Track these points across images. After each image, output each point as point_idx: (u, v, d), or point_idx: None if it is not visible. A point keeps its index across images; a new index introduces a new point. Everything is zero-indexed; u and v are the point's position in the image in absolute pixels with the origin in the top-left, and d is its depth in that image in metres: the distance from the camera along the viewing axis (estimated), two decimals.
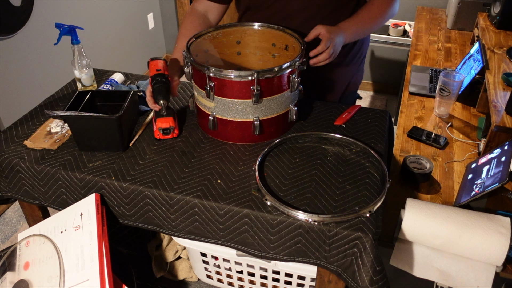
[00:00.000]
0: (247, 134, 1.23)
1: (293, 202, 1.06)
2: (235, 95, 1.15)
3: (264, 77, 1.12)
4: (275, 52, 1.38)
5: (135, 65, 3.29)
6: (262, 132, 1.22)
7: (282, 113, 1.22)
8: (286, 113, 1.24)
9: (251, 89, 1.13)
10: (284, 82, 1.17)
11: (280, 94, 1.18)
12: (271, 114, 1.20)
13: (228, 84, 1.13)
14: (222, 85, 1.14)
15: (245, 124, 1.20)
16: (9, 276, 1.17)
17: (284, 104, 1.21)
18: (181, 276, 1.77)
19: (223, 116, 1.20)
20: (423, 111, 1.69)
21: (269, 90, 1.15)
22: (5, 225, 2.19)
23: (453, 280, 1.08)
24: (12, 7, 2.07)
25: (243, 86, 1.13)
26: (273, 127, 1.24)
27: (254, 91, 1.12)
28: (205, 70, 1.13)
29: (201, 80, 1.18)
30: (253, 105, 1.16)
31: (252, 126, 1.20)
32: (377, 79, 3.22)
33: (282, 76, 1.15)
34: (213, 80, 1.14)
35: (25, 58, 2.24)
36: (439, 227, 1.05)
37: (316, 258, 1.06)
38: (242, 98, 1.15)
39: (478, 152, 1.45)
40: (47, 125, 1.34)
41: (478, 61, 1.65)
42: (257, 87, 1.12)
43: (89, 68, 1.45)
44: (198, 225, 1.11)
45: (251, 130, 1.21)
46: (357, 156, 1.20)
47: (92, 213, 1.12)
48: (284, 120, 1.25)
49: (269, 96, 1.16)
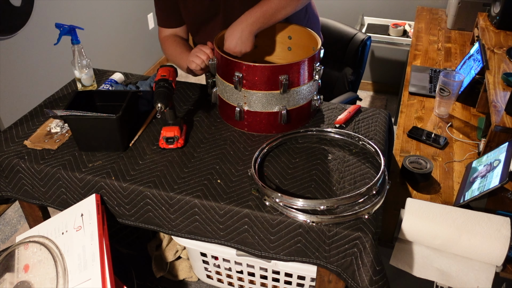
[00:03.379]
0: (274, 125, 1.27)
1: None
2: (264, 86, 1.18)
3: (292, 68, 1.16)
4: (290, 45, 1.42)
5: (135, 65, 3.29)
6: (289, 121, 1.26)
7: (307, 102, 1.28)
8: (309, 102, 1.29)
9: (279, 80, 1.16)
10: (309, 72, 1.21)
11: (306, 84, 1.23)
12: (297, 104, 1.25)
13: (257, 76, 1.17)
14: (250, 77, 1.17)
15: (272, 115, 1.24)
16: (9, 278, 1.17)
17: (309, 93, 1.26)
18: (181, 276, 1.77)
19: (250, 108, 1.23)
20: (423, 111, 1.69)
21: (295, 80, 1.20)
22: (5, 225, 2.19)
23: (453, 280, 1.08)
24: (12, 7, 2.07)
25: (272, 77, 1.17)
26: (299, 117, 1.29)
27: (283, 81, 1.16)
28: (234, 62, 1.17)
29: (228, 73, 1.21)
30: (281, 96, 1.20)
31: (280, 116, 1.24)
32: (377, 79, 3.22)
33: (309, 67, 1.20)
34: (242, 72, 1.17)
35: (25, 58, 2.24)
36: (439, 227, 1.05)
37: (316, 258, 1.06)
38: (270, 89, 1.19)
39: (478, 152, 1.45)
40: (47, 125, 1.34)
41: (478, 61, 1.65)
42: (285, 77, 1.16)
43: (89, 68, 1.45)
44: (198, 225, 1.11)
45: (278, 120, 1.25)
46: (357, 156, 1.21)
47: (93, 213, 1.13)
48: (308, 110, 1.30)
49: (297, 86, 1.21)
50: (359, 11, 2.96)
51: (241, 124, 1.29)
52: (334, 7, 3.01)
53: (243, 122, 1.28)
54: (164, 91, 1.18)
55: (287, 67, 1.16)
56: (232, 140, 1.27)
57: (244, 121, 1.28)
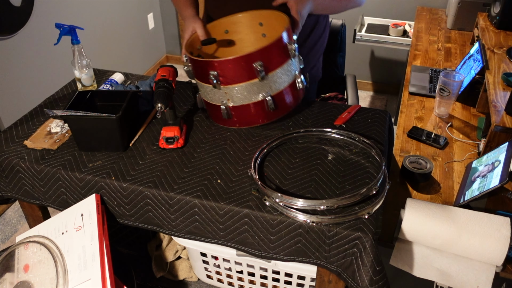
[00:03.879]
0: (263, 113, 1.24)
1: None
2: (241, 78, 1.16)
3: (264, 53, 1.13)
4: (264, 32, 1.39)
5: (135, 65, 3.29)
6: (277, 107, 1.23)
7: (291, 83, 1.24)
8: (293, 83, 1.25)
9: (253, 67, 1.14)
10: (282, 52, 1.18)
11: (283, 65, 1.19)
12: (281, 88, 1.21)
13: (231, 70, 1.14)
14: (225, 72, 1.15)
15: (258, 105, 1.21)
16: (9, 278, 1.17)
17: (290, 74, 1.23)
18: (181, 276, 1.77)
19: (235, 104, 1.21)
20: (423, 111, 1.69)
21: (271, 64, 1.16)
22: (5, 225, 2.19)
23: (453, 280, 1.08)
24: (12, 7, 2.07)
25: (246, 67, 1.14)
26: (286, 100, 1.25)
27: (257, 68, 1.13)
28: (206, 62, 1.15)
29: (203, 74, 1.19)
30: (261, 83, 1.17)
31: (266, 103, 1.21)
32: (377, 79, 3.22)
33: (279, 47, 1.16)
34: (216, 70, 1.15)
35: (25, 58, 2.24)
36: (439, 227, 1.05)
37: (316, 258, 1.06)
38: (248, 80, 1.16)
39: (478, 152, 1.45)
40: (47, 125, 1.34)
41: (478, 61, 1.65)
42: (259, 63, 1.13)
43: (89, 68, 1.45)
44: (198, 225, 1.11)
45: (266, 108, 1.22)
46: (357, 156, 1.21)
47: (93, 213, 1.13)
48: (294, 90, 1.26)
49: (274, 69, 1.17)
50: (359, 11, 2.95)
51: (231, 121, 1.27)
52: None
53: (232, 119, 1.26)
54: (164, 91, 1.18)
55: (258, 53, 1.12)
56: (232, 140, 1.27)
57: (233, 118, 1.25)
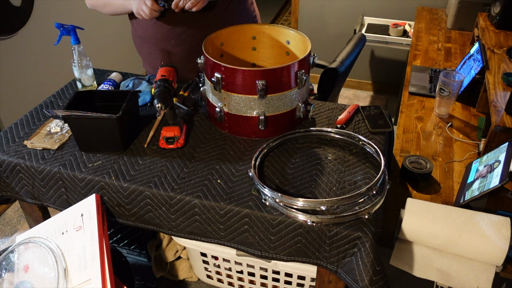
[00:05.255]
0: (253, 129, 1.24)
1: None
2: (241, 90, 1.17)
3: (270, 74, 1.14)
4: (288, 50, 1.40)
5: (135, 65, 3.29)
6: (267, 127, 1.23)
7: (288, 110, 1.23)
8: (293, 110, 1.25)
9: (256, 84, 1.14)
10: (290, 80, 1.18)
11: (287, 91, 1.19)
12: (277, 111, 1.22)
13: (235, 79, 1.15)
14: (229, 79, 1.16)
15: (251, 120, 1.22)
16: (9, 278, 1.17)
17: (291, 101, 1.22)
18: (181, 276, 1.77)
19: (229, 111, 1.22)
20: (423, 111, 1.69)
21: (274, 87, 1.17)
22: (5, 225, 2.19)
23: (453, 280, 1.08)
24: (12, 7, 2.07)
25: (249, 81, 1.14)
26: (279, 124, 1.25)
27: (259, 86, 1.14)
28: (214, 63, 1.16)
29: (210, 73, 1.20)
30: (259, 101, 1.18)
31: (258, 121, 1.21)
32: (377, 79, 3.22)
33: (289, 74, 1.16)
34: (221, 73, 1.16)
35: (25, 58, 2.24)
36: (439, 227, 1.05)
37: (316, 258, 1.06)
38: (248, 93, 1.17)
39: (478, 152, 1.45)
40: (47, 125, 1.34)
41: (478, 61, 1.65)
42: (262, 82, 1.13)
43: (89, 68, 1.45)
44: (198, 225, 1.11)
45: (257, 125, 1.23)
46: (357, 156, 1.21)
47: (93, 213, 1.13)
48: (291, 118, 1.26)
49: (274, 93, 1.17)
50: (359, 11, 2.96)
51: (223, 125, 1.28)
52: (334, 7, 3.01)
53: (224, 124, 1.27)
54: (164, 91, 1.18)
55: (265, 72, 1.13)
56: (232, 140, 1.27)
57: (225, 123, 1.27)
